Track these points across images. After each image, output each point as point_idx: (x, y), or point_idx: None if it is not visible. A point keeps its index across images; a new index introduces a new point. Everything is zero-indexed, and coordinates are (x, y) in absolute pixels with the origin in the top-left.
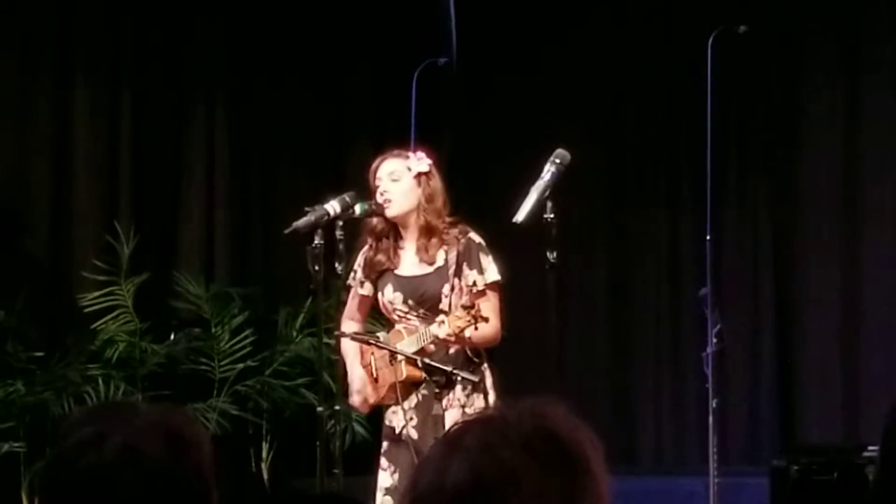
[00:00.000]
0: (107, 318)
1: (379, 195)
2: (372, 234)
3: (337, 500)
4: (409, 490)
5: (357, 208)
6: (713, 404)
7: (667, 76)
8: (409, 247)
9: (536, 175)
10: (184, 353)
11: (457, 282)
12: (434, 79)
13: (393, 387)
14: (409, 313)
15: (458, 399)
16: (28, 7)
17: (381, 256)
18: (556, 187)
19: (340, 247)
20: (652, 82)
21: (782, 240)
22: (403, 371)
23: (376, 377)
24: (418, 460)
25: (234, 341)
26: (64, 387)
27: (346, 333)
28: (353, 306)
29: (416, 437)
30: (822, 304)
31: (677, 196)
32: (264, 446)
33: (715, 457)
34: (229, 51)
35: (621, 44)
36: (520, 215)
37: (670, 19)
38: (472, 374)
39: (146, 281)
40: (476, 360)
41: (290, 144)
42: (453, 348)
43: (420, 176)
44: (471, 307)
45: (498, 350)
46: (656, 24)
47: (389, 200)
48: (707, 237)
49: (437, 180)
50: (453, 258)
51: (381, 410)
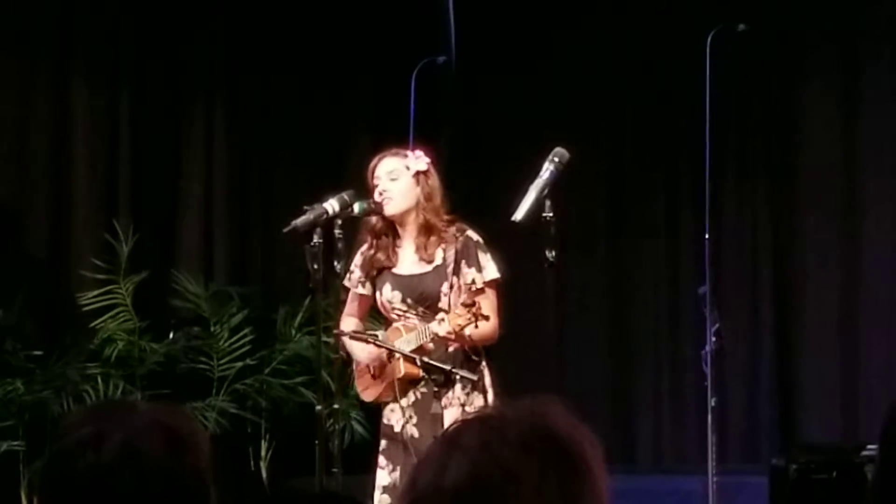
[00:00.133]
0: (106, 316)
1: (378, 194)
2: (370, 233)
3: (336, 498)
4: (408, 489)
5: (356, 207)
6: (712, 403)
7: (665, 75)
8: (407, 245)
9: (535, 174)
10: (183, 352)
11: (455, 280)
12: (433, 77)
13: (391, 384)
14: (407, 312)
15: (457, 397)
16: (28, 7)
17: (379, 255)
18: (555, 186)
19: (339, 245)
20: (650, 81)
21: (781, 238)
22: (402, 368)
23: (374, 374)
24: (417, 459)
25: (232, 340)
26: (63, 385)
27: (344, 332)
28: (351, 307)
29: (416, 435)
30: (821, 303)
31: (676, 194)
32: (263, 445)
33: (714, 456)
34: (228, 50)
35: (620, 42)
36: (518, 214)
37: (669, 18)
38: (471, 372)
39: (145, 279)
40: (475, 358)
41: (289, 143)
42: (452, 346)
43: (419, 174)
44: (472, 305)
45: (497, 348)
46: (655, 23)
47: (388, 199)
48: (706, 235)
49: (435, 179)
50: (452, 256)
51: (380, 408)
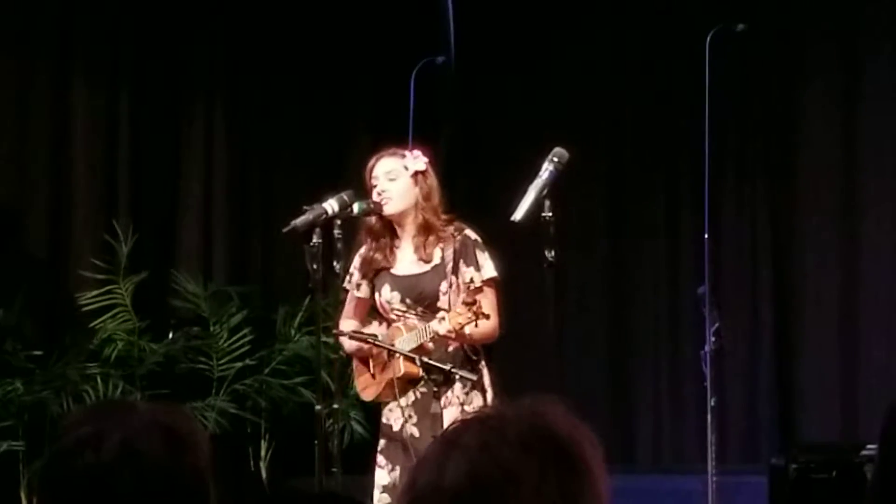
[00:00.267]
0: (105, 316)
1: (376, 194)
2: (369, 234)
3: (335, 498)
4: (407, 489)
5: (355, 207)
6: (711, 403)
7: (665, 75)
8: (405, 245)
9: (534, 174)
10: (182, 352)
11: (454, 279)
12: (432, 77)
13: (391, 383)
14: (406, 312)
15: (456, 397)
16: (28, 7)
17: (377, 256)
18: (555, 186)
19: (339, 245)
20: (650, 81)
21: (781, 238)
22: (401, 367)
23: (373, 373)
24: (416, 459)
25: (232, 340)
26: (62, 385)
27: (343, 332)
28: (349, 309)
29: (415, 435)
30: (820, 303)
31: (676, 194)
32: (263, 445)
33: (713, 455)
34: (228, 50)
35: (620, 42)
36: (518, 214)
37: (669, 18)
38: (470, 372)
39: (145, 280)
40: (474, 357)
41: (289, 143)
42: (452, 346)
43: (417, 174)
44: (472, 303)
45: (496, 348)
46: (655, 23)
47: (387, 199)
48: (705, 235)
49: (433, 178)
50: (450, 256)
51: (379, 408)
